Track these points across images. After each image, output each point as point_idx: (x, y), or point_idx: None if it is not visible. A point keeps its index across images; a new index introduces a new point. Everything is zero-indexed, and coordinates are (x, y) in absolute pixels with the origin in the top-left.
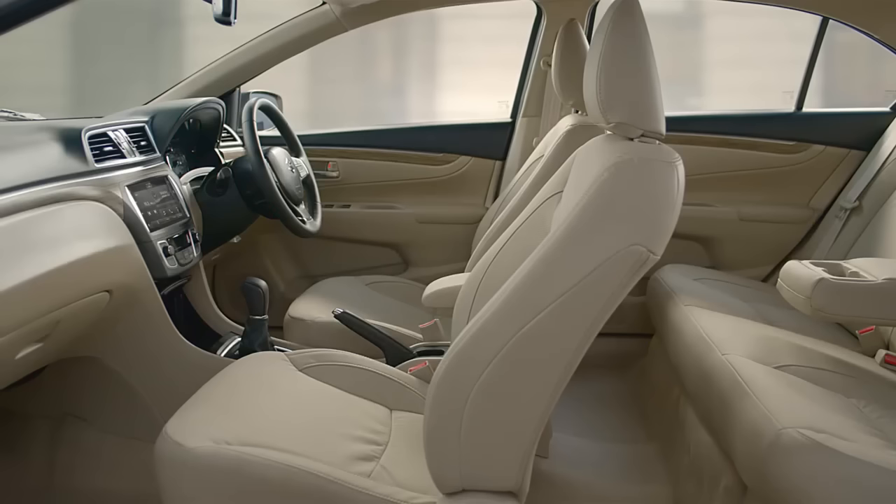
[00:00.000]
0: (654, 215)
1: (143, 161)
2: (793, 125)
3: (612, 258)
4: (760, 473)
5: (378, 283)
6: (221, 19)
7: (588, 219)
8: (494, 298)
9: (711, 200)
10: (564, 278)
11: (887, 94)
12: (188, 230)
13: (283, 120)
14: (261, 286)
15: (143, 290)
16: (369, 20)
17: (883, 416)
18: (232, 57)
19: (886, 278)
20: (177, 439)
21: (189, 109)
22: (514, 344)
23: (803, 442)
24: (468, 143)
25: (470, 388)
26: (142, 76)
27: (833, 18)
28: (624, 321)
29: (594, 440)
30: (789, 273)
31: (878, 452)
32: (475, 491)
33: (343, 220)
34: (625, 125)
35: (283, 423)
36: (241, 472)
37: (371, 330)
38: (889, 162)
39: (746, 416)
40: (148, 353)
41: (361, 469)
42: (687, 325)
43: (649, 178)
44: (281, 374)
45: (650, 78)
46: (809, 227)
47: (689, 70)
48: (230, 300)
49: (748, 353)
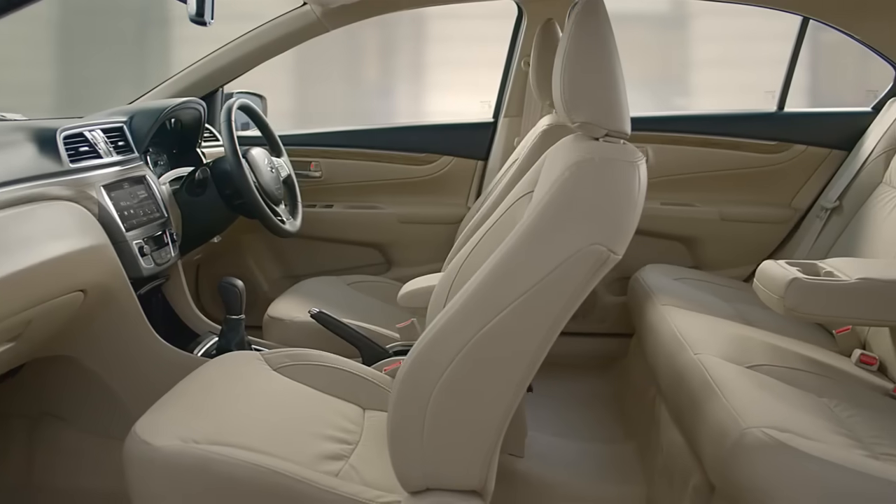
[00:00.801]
0: (614, 214)
1: (121, 161)
2: (774, 125)
3: (573, 257)
4: (725, 473)
5: (359, 282)
6: (196, 20)
7: (549, 218)
8: (457, 297)
9: (693, 200)
10: (525, 277)
11: (868, 93)
12: (166, 230)
13: (264, 120)
14: (237, 286)
15: (119, 289)
16: (350, 20)
17: (853, 415)
18: (214, 57)
19: (860, 278)
20: (145, 438)
21: (168, 110)
22: (475, 343)
23: (766, 441)
24: (450, 143)
25: (432, 386)
26: (129, 76)
27: (813, 18)
28: (605, 321)
29: (572, 440)
30: (764, 273)
31: (843, 452)
32: (439, 490)
33: (326, 220)
34: (589, 125)
35: (254, 422)
36: (207, 470)
37: (347, 329)
38: (869, 162)
39: (714, 415)
40: (124, 352)
41: (330, 468)
42: (662, 324)
43: (610, 177)
44: (254, 373)
45: (614, 78)
46: (791, 227)
47: (675, 70)
48: (213, 300)
49: (721, 353)
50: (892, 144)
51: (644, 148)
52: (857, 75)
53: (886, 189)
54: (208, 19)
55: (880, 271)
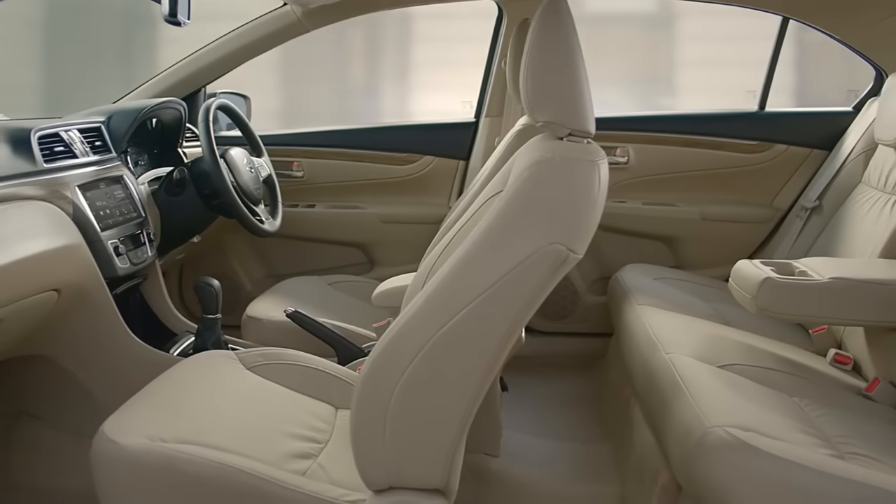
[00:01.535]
0: (573, 214)
1: (98, 161)
2: (756, 125)
3: (532, 256)
4: (689, 472)
5: (341, 282)
6: (169, 20)
7: (508, 217)
8: (417, 297)
9: (675, 200)
10: (485, 276)
11: (849, 93)
12: (143, 230)
13: (244, 120)
14: (213, 285)
15: (94, 289)
16: (330, 21)
17: (823, 414)
18: (195, 58)
19: (832, 277)
20: (112, 437)
21: (146, 110)
22: (435, 342)
23: (728, 440)
24: (432, 143)
25: (393, 386)
26: (115, 76)
27: (793, 18)
28: (587, 321)
29: (549, 439)
30: (738, 272)
31: (806, 451)
32: (402, 489)
33: (308, 219)
34: (552, 124)
35: (223, 421)
36: (173, 469)
37: (322, 329)
38: (848, 161)
39: (680, 415)
40: (99, 351)
41: (297, 467)
42: (637, 324)
43: (569, 176)
44: (228, 372)
45: (577, 77)
46: (773, 227)
47: (662, 70)
48: (196, 300)
49: (693, 353)
50: (871, 144)
51: (625, 148)
52: (843, 75)
53: (865, 189)
54: (183, 19)
55: (853, 271)
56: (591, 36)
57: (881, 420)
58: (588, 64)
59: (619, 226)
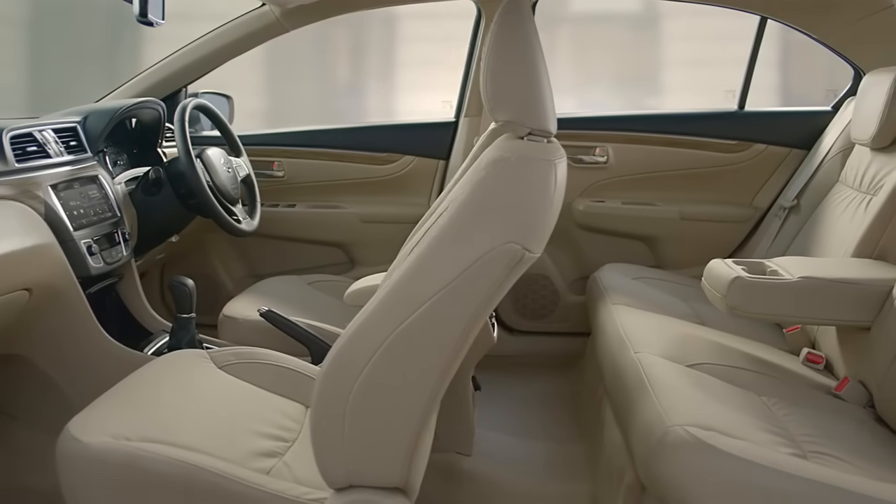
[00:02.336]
0: (528, 213)
1: (72, 161)
2: (735, 124)
3: (487, 255)
4: (650, 471)
5: (320, 282)
6: (141, 20)
7: (463, 216)
8: (375, 296)
9: (655, 199)
10: (441, 275)
11: (828, 93)
12: (118, 229)
13: (223, 120)
14: (187, 285)
15: (66, 288)
16: (309, 21)
17: (790, 413)
18: (175, 58)
19: (802, 276)
20: (76, 435)
21: (123, 110)
22: (392, 340)
23: (687, 439)
24: (412, 143)
25: (351, 384)
26: (99, 75)
27: (772, 18)
28: (567, 321)
29: (524, 439)
30: (710, 272)
31: (765, 450)
32: (362, 487)
33: (289, 219)
34: (512, 123)
35: (190, 420)
36: (132, 466)
37: (296, 328)
38: (826, 161)
39: (643, 413)
40: (73, 351)
41: (261, 465)
42: (610, 323)
43: (524, 176)
44: (198, 371)
45: (537, 77)
46: (752, 226)
47: (647, 70)
48: None
49: (663, 352)
50: (848, 144)
51: (605, 147)
52: (827, 74)
53: (842, 188)
54: (155, 20)
55: (824, 270)
56: (576, 35)
57: (850, 419)
58: (574, 63)
59: (599, 225)
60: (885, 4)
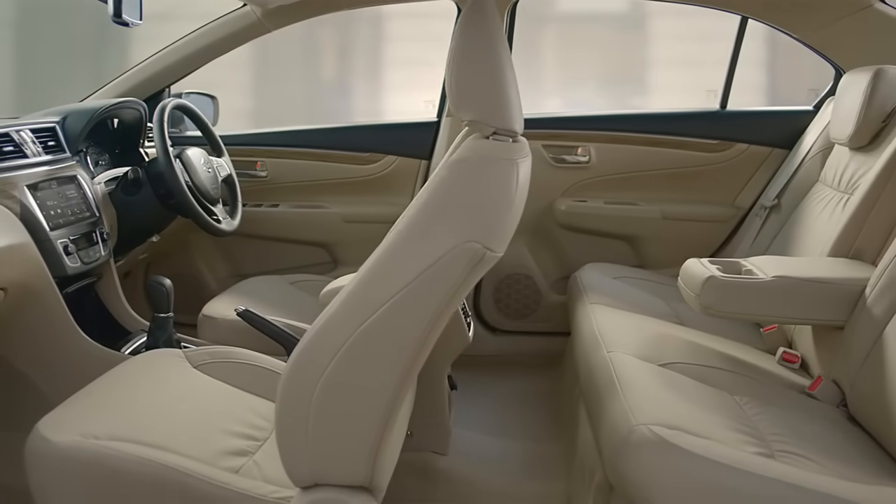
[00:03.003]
0: (489, 212)
1: (50, 161)
2: (717, 124)
3: (448, 255)
4: (616, 470)
5: (302, 281)
6: (116, 20)
7: (424, 216)
8: (337, 297)
9: (637, 199)
10: (402, 275)
11: (810, 92)
12: (96, 229)
13: (204, 120)
14: (165, 284)
15: (42, 288)
16: (290, 21)
17: (761, 412)
18: (157, 58)
19: (775, 276)
20: (45, 434)
21: (102, 110)
22: (354, 340)
23: (651, 438)
24: (394, 143)
25: (314, 384)
26: (86, 75)
27: (752, 18)
28: (549, 320)
29: (502, 438)
30: (685, 271)
31: (730, 450)
32: (327, 485)
33: (273, 219)
34: (477, 123)
35: (161, 419)
36: (100, 465)
37: (272, 327)
38: (806, 160)
39: (611, 412)
40: (50, 350)
41: (230, 464)
42: (586, 323)
43: (485, 175)
44: (173, 370)
45: (502, 76)
46: (734, 226)
47: (634, 70)
48: None
49: (636, 351)
50: (828, 143)
51: (587, 147)
52: (813, 74)
53: (821, 187)
54: (131, 20)
55: (797, 269)
56: (563, 35)
57: (823, 419)
58: (560, 63)
59: (581, 225)
60: (864, 4)
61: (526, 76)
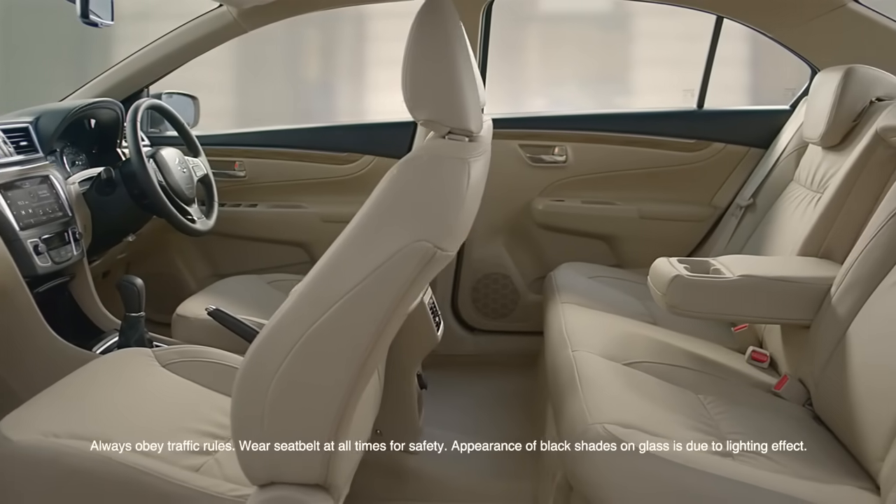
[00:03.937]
0: (439, 211)
1: (22, 161)
2: (694, 123)
3: (399, 254)
4: (573, 469)
5: (280, 281)
6: (84, 21)
7: (375, 215)
8: (290, 294)
9: (613, 199)
10: (353, 274)
11: (786, 91)
12: (68, 229)
13: (179, 120)
14: (136, 284)
15: (11, 287)
16: (266, 21)
17: (725, 412)
18: (135, 59)
19: (741, 275)
20: (6, 434)
21: (76, 110)
22: (307, 339)
23: (605, 437)
24: (372, 143)
25: (269, 381)
26: (69, 75)
27: (728, 17)
28: (527, 320)
29: (475, 437)
30: (654, 270)
31: (685, 449)
32: (283, 483)
33: (251, 219)
34: (432, 122)
35: (124, 417)
36: (58, 463)
37: (242, 327)
38: (781, 160)
39: (569, 411)
40: (20, 349)
41: (191, 462)
42: (555, 322)
43: (436, 174)
44: (141, 369)
45: (457, 77)
46: (711, 225)
47: (617, 69)
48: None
49: (602, 350)
50: (803, 142)
51: (564, 147)
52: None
53: (795, 186)
54: (101, 21)
55: (764, 268)
56: (545, 35)
57: (788, 418)
58: (543, 63)
59: (558, 224)
60: (838, 3)
61: (509, 76)
